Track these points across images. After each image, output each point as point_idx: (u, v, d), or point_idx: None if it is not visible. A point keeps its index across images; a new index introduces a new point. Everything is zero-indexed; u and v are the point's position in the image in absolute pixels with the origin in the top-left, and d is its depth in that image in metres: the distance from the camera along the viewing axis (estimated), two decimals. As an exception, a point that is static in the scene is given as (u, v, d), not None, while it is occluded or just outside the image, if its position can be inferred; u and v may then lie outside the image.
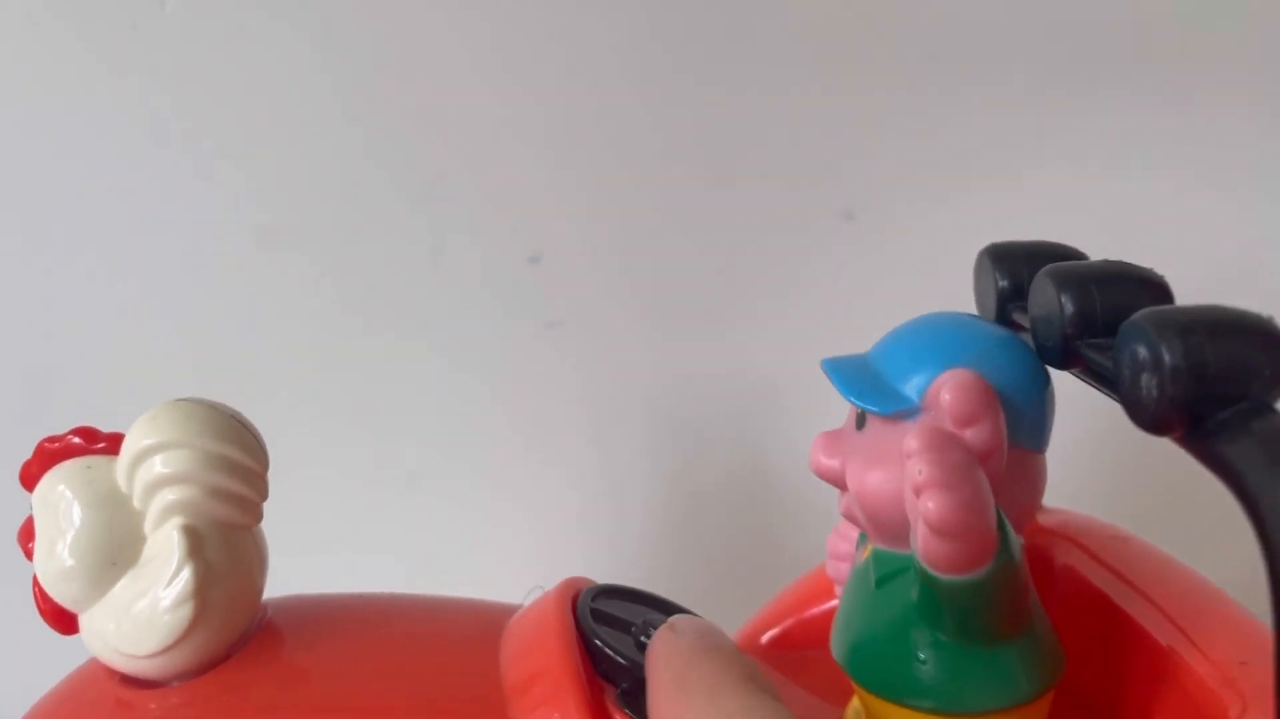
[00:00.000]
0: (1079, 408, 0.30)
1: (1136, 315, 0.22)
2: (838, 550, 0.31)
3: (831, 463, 0.28)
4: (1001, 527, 0.25)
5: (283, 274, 0.49)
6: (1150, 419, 0.22)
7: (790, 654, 0.35)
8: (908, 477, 0.24)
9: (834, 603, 0.31)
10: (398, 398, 0.50)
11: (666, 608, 0.32)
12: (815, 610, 0.35)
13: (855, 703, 0.30)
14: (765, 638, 0.36)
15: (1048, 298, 0.26)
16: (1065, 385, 0.28)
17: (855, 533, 0.29)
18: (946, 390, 0.25)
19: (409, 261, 0.50)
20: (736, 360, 0.51)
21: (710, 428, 0.51)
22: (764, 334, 0.51)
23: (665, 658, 0.26)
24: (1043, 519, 0.32)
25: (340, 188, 0.49)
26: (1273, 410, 0.21)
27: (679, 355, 0.51)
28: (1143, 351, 0.22)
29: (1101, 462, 0.48)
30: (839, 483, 0.28)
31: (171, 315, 0.49)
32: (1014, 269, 0.29)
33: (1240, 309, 0.22)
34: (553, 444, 0.51)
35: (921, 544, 0.24)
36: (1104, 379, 0.25)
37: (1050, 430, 0.28)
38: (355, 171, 0.49)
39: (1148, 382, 0.22)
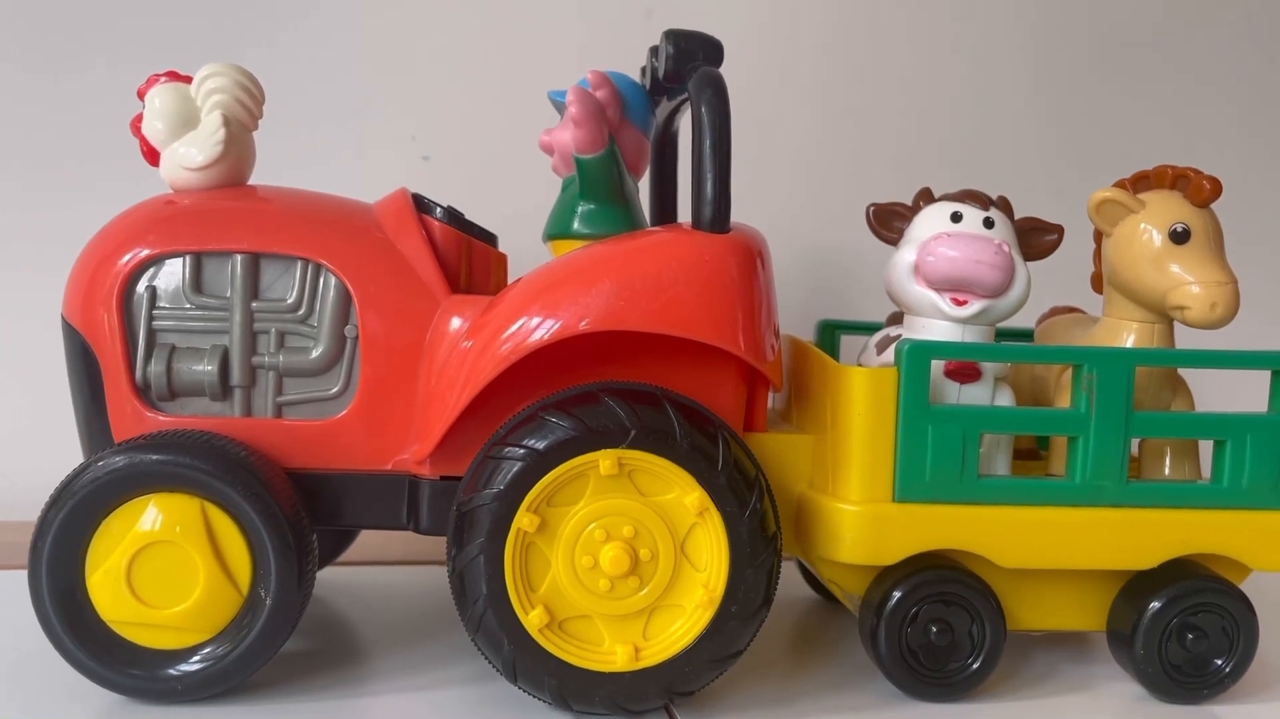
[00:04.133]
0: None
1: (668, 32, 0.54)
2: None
3: (545, 139, 0.58)
4: (611, 145, 0.55)
5: None
6: (669, 75, 0.53)
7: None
8: (567, 106, 0.55)
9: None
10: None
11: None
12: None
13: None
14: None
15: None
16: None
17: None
18: (589, 74, 0.56)
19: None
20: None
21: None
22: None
23: None
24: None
25: None
26: (708, 68, 0.53)
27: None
28: (667, 49, 0.54)
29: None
30: (550, 149, 0.58)
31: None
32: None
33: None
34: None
35: (571, 137, 0.55)
36: (656, 74, 0.56)
37: (651, 125, 0.59)
38: None
39: (666, 61, 0.53)
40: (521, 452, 0.48)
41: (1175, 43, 0.93)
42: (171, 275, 0.53)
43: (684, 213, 0.69)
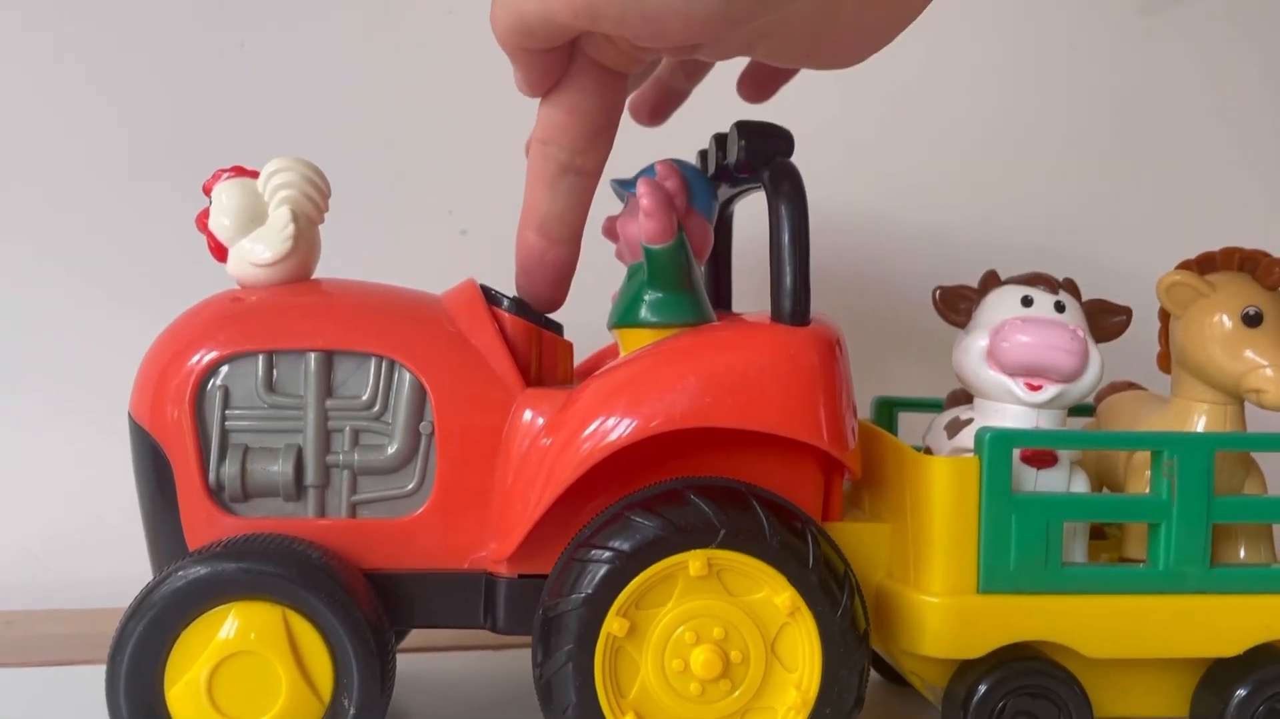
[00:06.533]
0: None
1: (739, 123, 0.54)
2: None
3: (610, 226, 0.58)
4: (680, 234, 0.55)
5: None
6: (740, 166, 0.53)
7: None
8: (638, 199, 0.54)
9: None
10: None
11: None
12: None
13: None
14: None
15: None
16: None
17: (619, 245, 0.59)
18: (658, 164, 0.56)
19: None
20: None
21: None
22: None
23: None
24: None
25: None
26: (784, 160, 0.53)
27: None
28: (739, 141, 0.54)
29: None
30: (614, 237, 0.58)
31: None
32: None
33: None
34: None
35: (640, 229, 0.54)
36: (722, 164, 0.56)
37: (714, 211, 0.59)
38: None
39: (738, 153, 0.53)
40: (608, 554, 0.48)
41: (1216, 88, 0.93)
42: (244, 374, 0.52)
43: (738, 294, 0.69)
